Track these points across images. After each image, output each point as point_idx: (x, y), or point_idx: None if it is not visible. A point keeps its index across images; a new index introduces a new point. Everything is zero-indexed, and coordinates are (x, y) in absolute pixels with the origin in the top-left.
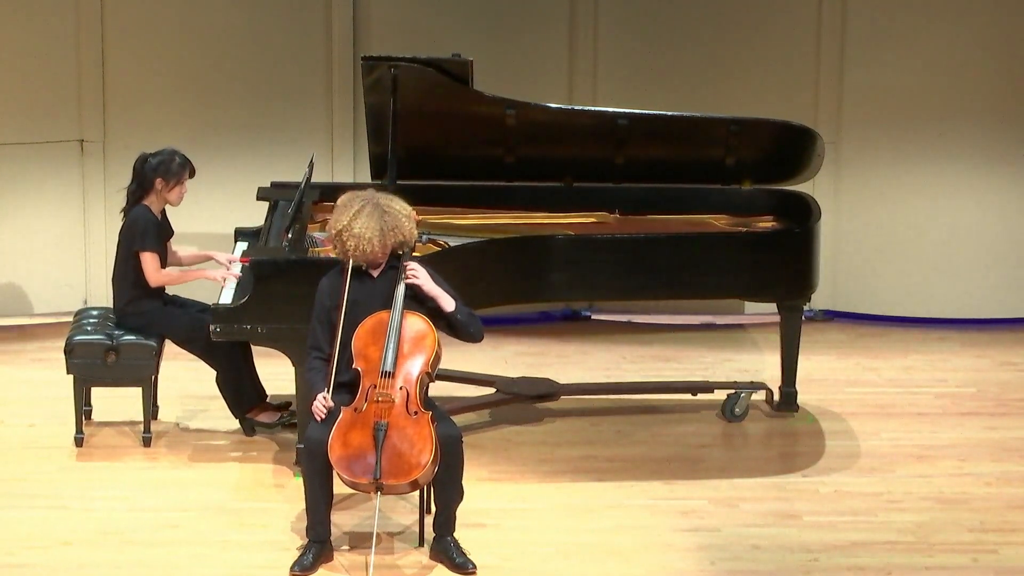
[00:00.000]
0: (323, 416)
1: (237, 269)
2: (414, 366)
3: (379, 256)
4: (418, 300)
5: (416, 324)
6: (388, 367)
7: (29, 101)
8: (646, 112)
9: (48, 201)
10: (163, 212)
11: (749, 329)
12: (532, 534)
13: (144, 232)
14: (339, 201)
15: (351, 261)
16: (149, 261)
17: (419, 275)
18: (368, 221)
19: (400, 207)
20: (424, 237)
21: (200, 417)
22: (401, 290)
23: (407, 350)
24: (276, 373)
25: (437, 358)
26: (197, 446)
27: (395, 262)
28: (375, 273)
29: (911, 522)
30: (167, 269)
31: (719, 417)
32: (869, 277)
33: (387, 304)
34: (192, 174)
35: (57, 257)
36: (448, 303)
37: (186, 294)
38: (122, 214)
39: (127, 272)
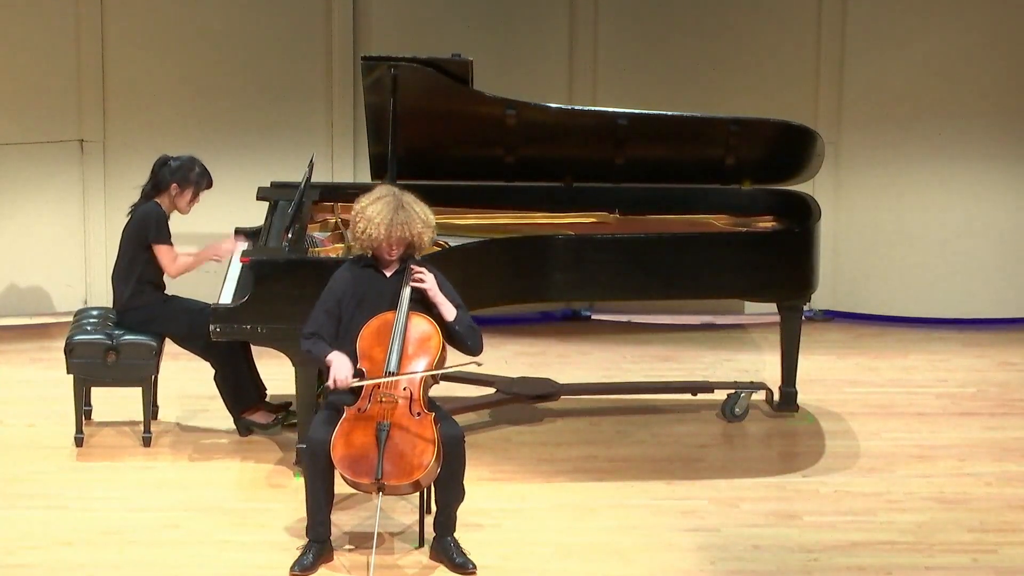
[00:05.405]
0: (348, 383)
1: (239, 254)
2: (418, 368)
3: (384, 247)
4: (424, 304)
5: (421, 326)
6: (392, 368)
7: (29, 101)
8: (646, 112)
9: (48, 201)
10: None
11: (749, 329)
12: (532, 534)
13: (158, 225)
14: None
15: (361, 251)
16: (165, 253)
17: (426, 279)
18: (383, 208)
19: (420, 210)
20: None
21: (200, 417)
22: (407, 292)
23: (411, 351)
24: (276, 373)
25: (441, 360)
26: (197, 446)
27: (405, 264)
28: (388, 272)
29: (911, 522)
30: (180, 256)
31: (719, 417)
32: (869, 277)
33: (394, 304)
34: (209, 185)
35: (57, 257)
36: (449, 312)
37: (186, 293)
38: (129, 211)
39: (131, 268)
